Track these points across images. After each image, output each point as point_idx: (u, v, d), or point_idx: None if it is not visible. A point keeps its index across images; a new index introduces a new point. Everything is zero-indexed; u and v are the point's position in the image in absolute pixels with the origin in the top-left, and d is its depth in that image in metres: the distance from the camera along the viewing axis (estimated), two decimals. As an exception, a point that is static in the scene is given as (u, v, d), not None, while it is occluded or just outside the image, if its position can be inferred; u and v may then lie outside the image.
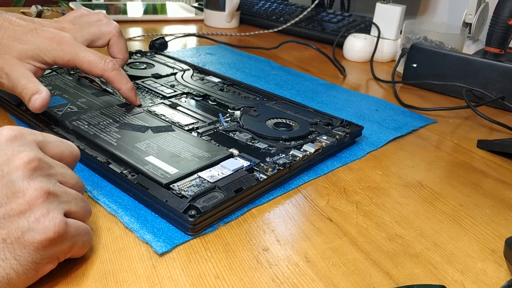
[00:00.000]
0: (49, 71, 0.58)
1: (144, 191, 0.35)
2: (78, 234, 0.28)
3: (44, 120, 0.45)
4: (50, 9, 0.99)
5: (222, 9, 1.00)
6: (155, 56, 0.70)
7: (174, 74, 0.63)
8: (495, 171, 0.47)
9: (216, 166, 0.39)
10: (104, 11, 0.62)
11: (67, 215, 0.28)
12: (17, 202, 0.25)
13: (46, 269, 0.27)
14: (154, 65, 0.65)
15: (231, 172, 0.38)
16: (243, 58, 0.79)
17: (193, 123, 0.47)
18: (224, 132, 0.46)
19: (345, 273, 0.31)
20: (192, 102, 0.54)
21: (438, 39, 0.75)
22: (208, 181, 0.36)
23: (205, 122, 0.48)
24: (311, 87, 0.67)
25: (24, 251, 0.25)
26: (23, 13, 0.94)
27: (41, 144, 0.29)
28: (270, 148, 0.43)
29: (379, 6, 0.84)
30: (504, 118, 0.60)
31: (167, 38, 0.81)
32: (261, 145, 0.44)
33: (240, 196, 0.36)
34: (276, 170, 0.39)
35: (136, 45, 0.82)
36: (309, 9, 0.98)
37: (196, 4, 1.20)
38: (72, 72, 0.59)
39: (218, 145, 0.43)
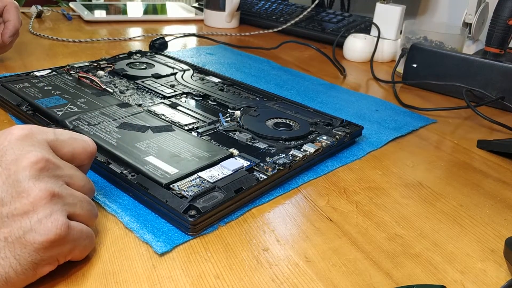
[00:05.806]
0: (49, 71, 0.58)
1: (144, 191, 0.35)
2: (80, 238, 0.28)
3: (44, 120, 0.45)
4: (50, 9, 0.99)
5: (222, 9, 1.00)
6: (155, 56, 0.70)
7: (174, 74, 0.63)
8: (495, 171, 0.47)
9: (216, 166, 0.39)
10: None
11: (71, 217, 0.28)
12: (21, 202, 0.25)
13: (45, 270, 0.27)
14: (154, 65, 0.65)
15: (231, 172, 0.38)
16: (243, 58, 0.79)
17: (193, 123, 0.47)
18: (224, 132, 0.46)
19: (345, 273, 0.31)
20: (192, 102, 0.54)
21: (438, 39, 0.75)
22: (208, 181, 0.36)
23: (205, 122, 0.48)
24: (311, 87, 0.67)
25: (24, 251, 0.25)
26: (23, 13, 0.94)
27: (52, 143, 0.29)
28: (270, 148, 0.43)
29: (379, 6, 0.84)
30: (504, 118, 0.60)
31: (167, 38, 0.81)
32: (261, 145, 0.44)
33: (240, 196, 0.36)
34: (276, 170, 0.39)
35: (136, 45, 0.82)
36: (309, 9, 0.98)
37: (196, 4, 1.20)
38: (72, 72, 0.59)
39: (218, 145, 0.43)
